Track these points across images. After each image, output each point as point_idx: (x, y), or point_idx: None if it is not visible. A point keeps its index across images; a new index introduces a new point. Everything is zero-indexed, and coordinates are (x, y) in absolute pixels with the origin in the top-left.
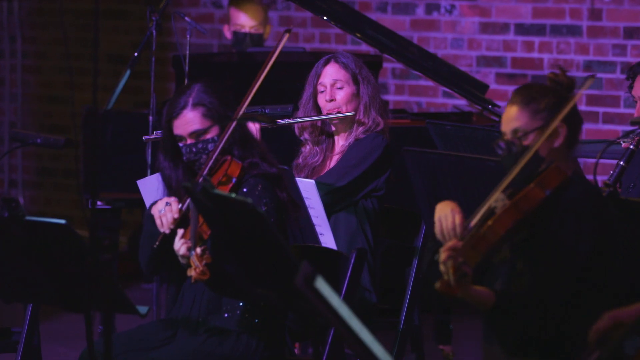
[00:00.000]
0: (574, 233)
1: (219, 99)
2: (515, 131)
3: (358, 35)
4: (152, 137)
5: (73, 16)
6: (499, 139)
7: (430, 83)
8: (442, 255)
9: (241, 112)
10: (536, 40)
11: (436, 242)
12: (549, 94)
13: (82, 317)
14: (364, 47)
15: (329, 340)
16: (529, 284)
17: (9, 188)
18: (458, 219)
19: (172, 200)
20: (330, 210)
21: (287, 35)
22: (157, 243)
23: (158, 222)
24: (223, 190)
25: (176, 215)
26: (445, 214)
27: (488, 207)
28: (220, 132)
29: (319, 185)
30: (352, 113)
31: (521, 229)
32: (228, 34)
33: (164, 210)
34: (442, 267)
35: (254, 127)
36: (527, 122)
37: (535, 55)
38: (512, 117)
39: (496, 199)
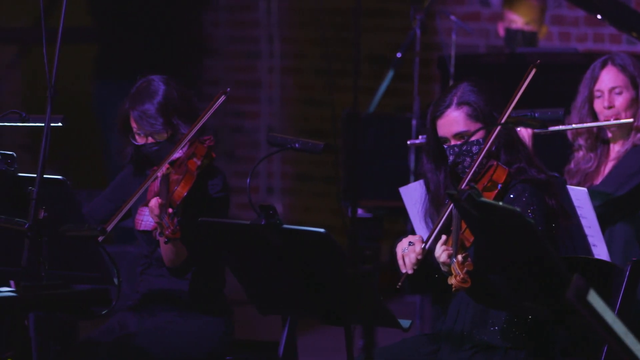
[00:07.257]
0: None
1: (485, 100)
2: None
3: (634, 34)
4: (417, 141)
5: (332, 15)
6: None
7: None
8: None
9: (506, 116)
10: None
11: None
12: None
13: (341, 331)
14: None
15: (602, 358)
16: None
17: (267, 195)
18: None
19: (416, 239)
20: (606, 221)
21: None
22: (399, 284)
23: (400, 262)
24: (488, 197)
25: (419, 257)
26: None
27: None
28: (486, 135)
29: (595, 194)
30: (631, 120)
31: None
32: (501, 31)
33: (407, 250)
34: None
35: (525, 133)
36: None
37: None
38: None
39: None
